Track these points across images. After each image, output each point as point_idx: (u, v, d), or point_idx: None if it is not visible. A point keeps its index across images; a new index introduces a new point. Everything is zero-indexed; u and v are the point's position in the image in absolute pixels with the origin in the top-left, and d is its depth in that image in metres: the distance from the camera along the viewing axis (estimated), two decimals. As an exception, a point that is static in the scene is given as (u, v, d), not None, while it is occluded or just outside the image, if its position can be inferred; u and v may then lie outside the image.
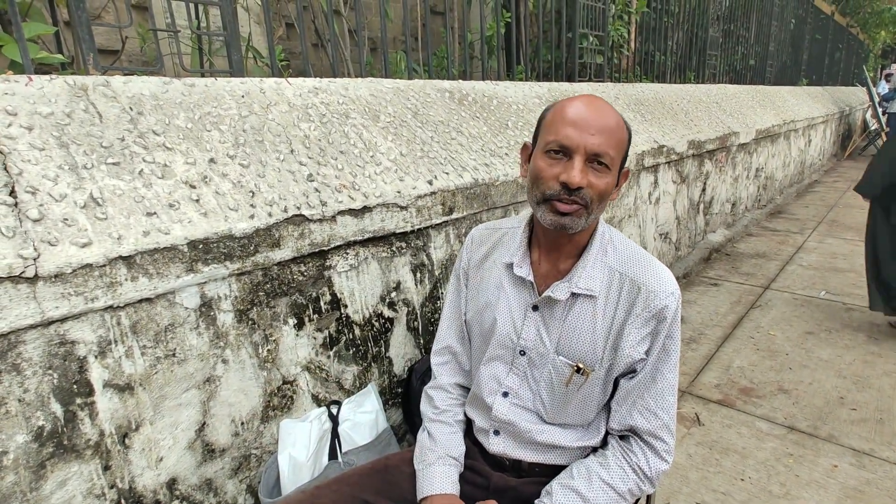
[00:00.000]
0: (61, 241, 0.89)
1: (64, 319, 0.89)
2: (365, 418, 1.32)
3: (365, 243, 1.38)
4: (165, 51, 2.37)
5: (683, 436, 1.91)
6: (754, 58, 5.89)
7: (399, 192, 1.42)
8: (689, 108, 3.69)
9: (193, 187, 1.10)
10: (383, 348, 1.50)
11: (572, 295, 0.95)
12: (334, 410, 1.31)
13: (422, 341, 1.61)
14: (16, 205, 0.89)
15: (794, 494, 1.62)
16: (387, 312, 1.49)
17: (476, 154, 1.77)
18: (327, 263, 1.30)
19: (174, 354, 1.05)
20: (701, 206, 3.79)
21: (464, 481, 1.04)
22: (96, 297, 0.91)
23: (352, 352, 1.41)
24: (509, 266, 1.02)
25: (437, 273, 1.61)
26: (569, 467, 0.98)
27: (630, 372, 0.96)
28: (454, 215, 1.59)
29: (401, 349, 1.55)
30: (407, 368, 1.57)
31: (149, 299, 0.99)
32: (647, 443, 0.95)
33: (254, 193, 1.17)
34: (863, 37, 12.21)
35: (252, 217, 1.13)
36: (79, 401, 0.93)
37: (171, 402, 1.05)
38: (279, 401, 1.26)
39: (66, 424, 0.92)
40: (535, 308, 0.98)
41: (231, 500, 1.20)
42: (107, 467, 0.98)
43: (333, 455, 1.25)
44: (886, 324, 2.79)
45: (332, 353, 1.36)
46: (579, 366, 0.95)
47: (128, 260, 0.94)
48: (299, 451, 1.20)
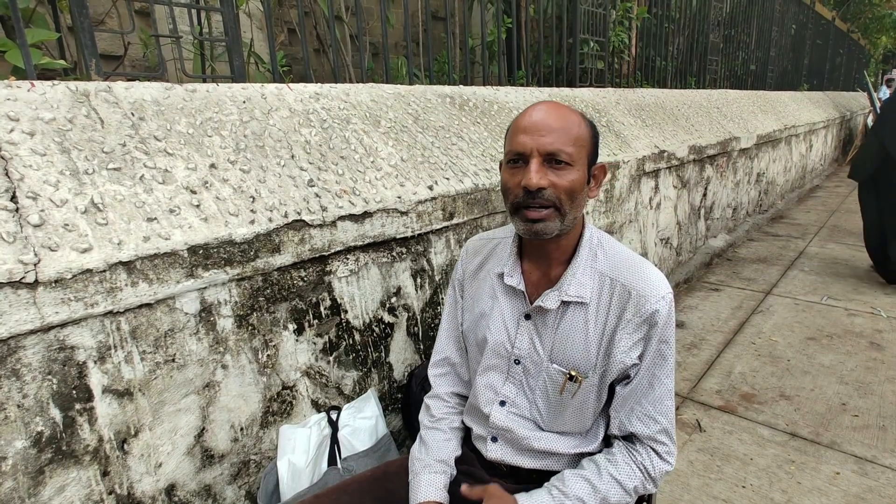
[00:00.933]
0: (62, 246, 0.89)
1: (64, 325, 0.89)
2: (365, 424, 1.32)
3: (365, 248, 1.38)
4: (167, 56, 2.38)
5: (685, 442, 1.90)
6: (755, 63, 5.90)
7: (399, 197, 1.42)
8: (690, 114, 3.70)
9: (194, 192, 1.11)
10: (383, 354, 1.50)
11: (563, 303, 0.95)
12: (334, 416, 1.31)
13: (422, 347, 1.61)
14: (17, 210, 0.89)
15: (795, 502, 1.61)
16: (387, 318, 1.49)
17: (477, 159, 1.77)
18: (327, 269, 1.30)
19: (174, 360, 1.05)
20: (702, 212, 3.79)
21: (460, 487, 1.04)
22: (96, 302, 0.91)
23: (352, 357, 1.41)
24: (501, 276, 1.02)
25: (437, 278, 1.61)
26: (580, 462, 0.98)
27: (624, 378, 0.96)
28: (455, 220, 1.59)
29: (401, 354, 1.55)
30: (407, 374, 1.57)
31: (149, 305, 0.99)
32: (649, 446, 0.95)
33: (254, 199, 1.17)
34: (864, 42, 12.23)
35: (252, 222, 1.13)
36: (78, 406, 0.93)
37: (170, 407, 1.05)
38: (279, 406, 1.26)
39: (65, 430, 0.92)
40: (527, 317, 0.98)
41: (230, 506, 1.20)
42: (105, 473, 0.97)
43: (333, 461, 1.25)
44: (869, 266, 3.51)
45: (331, 358, 1.36)
46: (572, 373, 0.95)
47: (128, 265, 0.94)
48: (299, 456, 1.19)
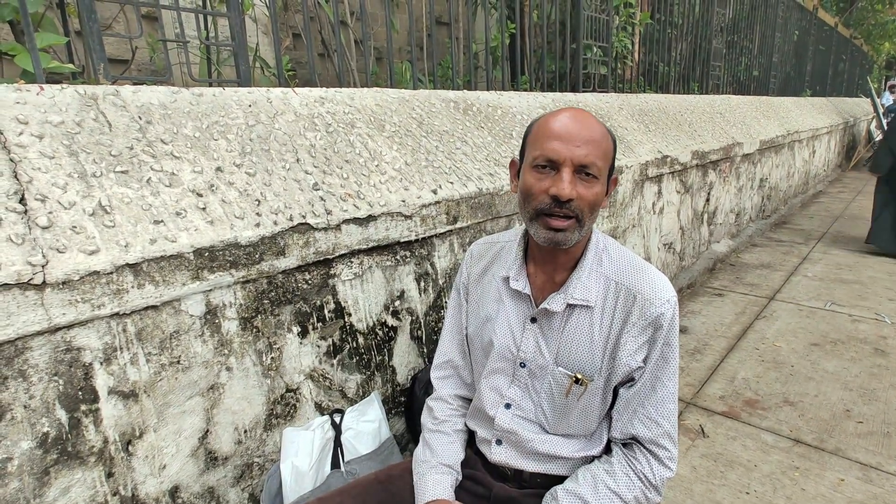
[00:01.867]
0: (69, 248, 0.90)
1: (70, 326, 0.89)
2: (368, 427, 1.32)
3: (369, 252, 1.38)
4: (174, 60, 2.39)
5: (688, 448, 1.89)
6: (758, 69, 5.91)
7: (404, 201, 1.43)
8: (693, 119, 3.70)
9: (200, 195, 1.11)
10: (387, 357, 1.50)
11: (569, 306, 0.95)
12: (337, 419, 1.31)
13: (425, 350, 1.61)
14: (25, 212, 0.90)
15: (800, 508, 1.60)
16: (390, 321, 1.49)
17: (480, 163, 1.78)
18: (332, 272, 1.31)
19: (179, 362, 1.05)
20: (705, 217, 3.79)
21: (465, 491, 1.04)
22: (103, 304, 0.92)
23: (355, 360, 1.41)
24: (506, 279, 1.03)
25: (440, 282, 1.61)
26: (574, 474, 0.98)
27: (629, 381, 0.96)
28: (458, 224, 1.60)
29: (404, 358, 1.55)
30: (410, 377, 1.57)
31: (154, 307, 1.00)
32: (649, 451, 0.95)
33: (259, 202, 1.18)
34: (867, 48, 12.23)
35: (258, 225, 1.14)
36: (83, 407, 0.93)
37: (174, 409, 1.06)
38: (282, 409, 1.26)
39: (70, 431, 0.92)
40: (533, 320, 0.99)
41: (233, 509, 1.20)
42: (110, 474, 0.98)
43: (336, 464, 1.25)
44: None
45: (335, 361, 1.36)
46: (577, 376, 0.95)
47: (134, 267, 0.95)
48: (302, 459, 1.19)
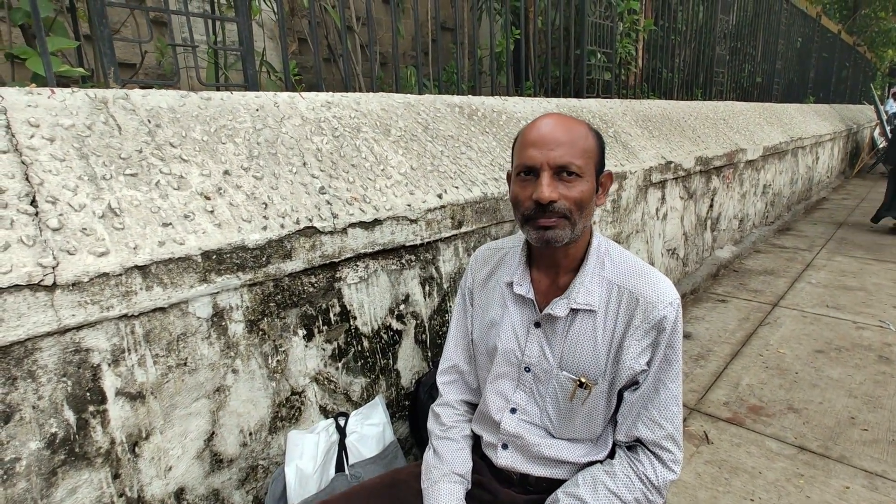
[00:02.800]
0: (79, 250, 0.90)
1: (80, 327, 0.90)
2: (372, 431, 1.32)
3: (375, 256, 1.39)
4: (181, 64, 2.41)
5: (692, 454, 1.89)
6: (761, 75, 5.91)
7: (409, 205, 1.43)
8: (697, 125, 3.71)
9: (208, 198, 1.12)
10: (391, 361, 1.50)
11: (572, 310, 0.96)
12: (342, 422, 1.31)
13: (429, 354, 1.61)
14: (36, 214, 0.91)
15: (805, 516, 1.59)
16: (395, 325, 1.49)
17: (485, 168, 1.78)
18: (337, 275, 1.31)
19: (185, 364, 1.06)
20: (708, 223, 3.79)
21: (470, 497, 1.04)
22: (112, 305, 0.92)
23: (360, 364, 1.41)
24: (510, 284, 1.03)
25: (445, 286, 1.62)
26: (574, 476, 0.98)
27: (633, 384, 0.96)
28: (463, 229, 1.60)
29: (409, 362, 1.55)
30: (414, 381, 1.57)
31: (162, 308, 1.00)
32: (653, 453, 0.95)
33: (267, 205, 1.19)
34: (870, 55, 12.24)
35: (265, 228, 1.14)
36: (91, 408, 0.94)
37: (181, 411, 1.06)
38: (287, 412, 1.26)
39: (78, 432, 0.92)
40: (537, 325, 0.99)
41: (237, 512, 1.20)
42: (116, 476, 0.98)
43: (340, 467, 1.25)
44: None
45: (340, 364, 1.36)
46: (582, 380, 0.95)
47: (143, 269, 0.95)
48: (306, 462, 1.19)
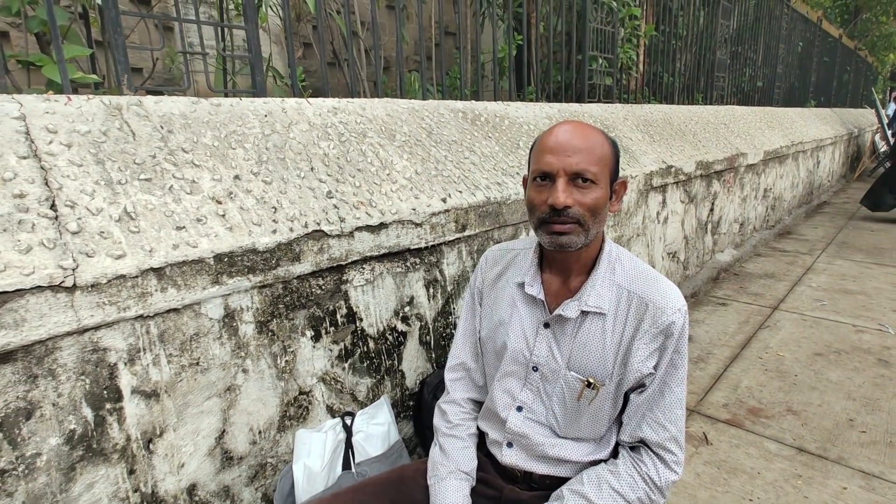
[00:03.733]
0: (98, 252, 0.93)
1: (98, 327, 0.93)
2: (377, 430, 1.35)
3: (380, 258, 1.42)
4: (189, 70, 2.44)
5: (692, 455, 1.91)
6: (762, 80, 5.94)
7: (414, 209, 1.47)
8: (698, 129, 3.74)
9: (220, 203, 1.15)
10: (396, 361, 1.53)
11: (582, 312, 0.98)
12: (348, 421, 1.34)
13: (433, 355, 1.64)
14: (56, 218, 0.94)
15: (803, 516, 1.62)
16: (400, 326, 1.52)
17: (488, 173, 1.82)
18: (344, 278, 1.34)
19: (198, 363, 1.09)
20: (709, 226, 3.81)
21: (475, 494, 1.06)
22: (128, 306, 0.95)
23: (366, 364, 1.44)
24: (521, 285, 1.06)
25: (449, 289, 1.65)
26: (579, 474, 1.00)
27: (639, 386, 0.98)
28: (467, 232, 1.63)
29: (413, 363, 1.58)
30: (419, 382, 1.60)
31: (176, 310, 1.03)
32: (656, 454, 0.97)
33: (276, 209, 1.22)
34: (871, 59, 12.27)
35: (274, 232, 1.17)
36: (108, 406, 0.97)
37: (193, 409, 1.09)
38: (295, 411, 1.29)
39: (95, 429, 0.95)
40: (546, 325, 1.02)
41: (246, 508, 1.23)
42: (132, 471, 1.01)
43: (347, 465, 1.27)
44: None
45: (346, 365, 1.39)
46: (590, 380, 0.98)
47: (158, 272, 0.99)
48: (314, 460, 1.22)
